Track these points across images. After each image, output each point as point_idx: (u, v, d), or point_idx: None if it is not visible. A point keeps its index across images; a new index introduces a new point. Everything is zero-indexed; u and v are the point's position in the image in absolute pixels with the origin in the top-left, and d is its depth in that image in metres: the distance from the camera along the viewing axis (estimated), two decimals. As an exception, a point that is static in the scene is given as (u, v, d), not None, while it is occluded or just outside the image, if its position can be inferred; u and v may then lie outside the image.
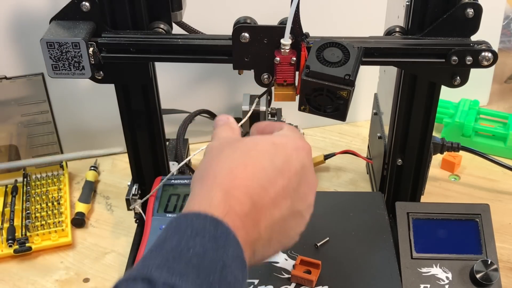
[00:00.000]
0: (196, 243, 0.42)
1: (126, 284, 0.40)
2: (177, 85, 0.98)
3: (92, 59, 0.64)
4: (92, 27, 0.65)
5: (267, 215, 0.47)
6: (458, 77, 0.67)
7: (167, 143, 0.94)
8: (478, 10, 0.64)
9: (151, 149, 0.80)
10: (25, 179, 0.92)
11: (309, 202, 0.52)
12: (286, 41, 0.61)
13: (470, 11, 0.64)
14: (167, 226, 0.45)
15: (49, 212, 0.87)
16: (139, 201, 0.80)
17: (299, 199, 0.50)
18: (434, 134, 0.79)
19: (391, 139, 0.77)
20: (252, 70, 0.66)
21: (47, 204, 0.88)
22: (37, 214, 0.86)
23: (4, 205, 0.89)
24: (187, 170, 0.95)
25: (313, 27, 0.67)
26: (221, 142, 0.53)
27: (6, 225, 0.85)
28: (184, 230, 0.43)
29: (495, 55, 0.64)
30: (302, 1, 0.59)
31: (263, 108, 0.89)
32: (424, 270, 0.72)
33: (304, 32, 0.63)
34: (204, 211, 0.44)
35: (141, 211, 0.79)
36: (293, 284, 0.69)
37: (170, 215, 0.76)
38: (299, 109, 0.63)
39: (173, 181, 0.80)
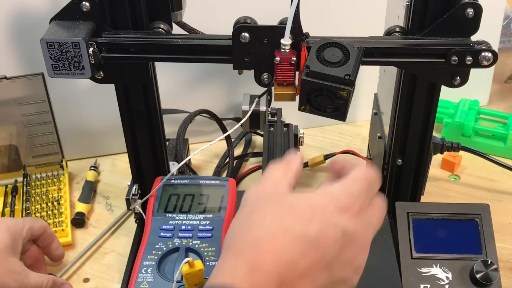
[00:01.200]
0: None
1: None
2: (177, 85, 0.98)
3: (92, 59, 0.64)
4: (92, 27, 0.65)
5: None
6: (458, 77, 0.67)
7: (167, 143, 0.94)
8: (478, 10, 0.64)
9: (151, 149, 0.80)
10: (25, 179, 0.92)
11: (356, 266, 0.47)
12: (286, 41, 0.61)
13: (470, 11, 0.63)
14: None
15: (49, 212, 0.87)
16: (139, 201, 0.80)
17: (340, 267, 0.46)
18: (434, 134, 0.79)
19: (391, 139, 0.77)
20: (252, 70, 0.66)
21: (47, 204, 0.88)
22: (37, 214, 0.86)
23: (4, 205, 0.89)
24: (187, 170, 0.95)
25: (313, 27, 0.67)
26: (259, 194, 0.49)
27: (6, 225, 0.85)
28: None
29: (495, 55, 0.64)
30: (302, 1, 0.59)
31: (263, 108, 0.89)
32: (424, 270, 0.72)
33: (304, 32, 0.63)
34: (228, 284, 0.42)
35: (141, 211, 0.79)
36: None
37: (170, 215, 0.76)
38: (299, 109, 0.63)
39: (173, 181, 0.80)
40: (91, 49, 0.64)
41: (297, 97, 0.64)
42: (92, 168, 0.97)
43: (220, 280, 0.43)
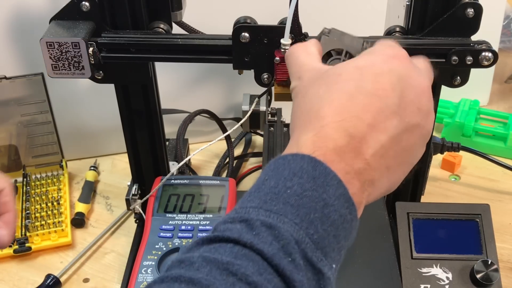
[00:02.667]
0: (294, 184, 0.41)
1: (225, 225, 0.41)
2: (177, 85, 0.98)
3: (92, 59, 0.64)
4: (92, 27, 0.65)
5: (371, 142, 0.43)
6: (458, 77, 0.67)
7: (167, 143, 0.94)
8: (478, 10, 0.63)
9: (151, 149, 0.80)
10: (24, 179, 0.92)
11: (424, 110, 0.46)
12: (286, 41, 0.61)
13: (470, 11, 0.63)
14: (265, 169, 0.44)
15: (49, 212, 0.86)
16: (139, 201, 0.80)
17: (408, 111, 0.45)
18: (434, 134, 0.79)
19: (391, 139, 0.77)
20: (252, 70, 0.66)
21: (46, 204, 0.88)
22: (37, 214, 0.86)
23: (4, 205, 0.89)
24: (187, 170, 0.95)
25: (313, 27, 0.66)
26: (306, 80, 0.49)
27: (6, 225, 0.85)
28: (281, 171, 0.42)
29: (495, 55, 0.64)
30: (302, 1, 0.59)
31: (263, 108, 0.89)
32: (424, 270, 0.71)
33: (303, 32, 0.63)
34: (301, 151, 0.43)
35: (141, 211, 0.79)
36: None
37: (170, 215, 0.76)
38: None
39: (173, 181, 0.80)
40: (91, 49, 0.64)
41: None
42: (92, 168, 0.97)
43: (295, 145, 0.44)
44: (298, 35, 0.62)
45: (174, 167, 0.85)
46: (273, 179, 0.42)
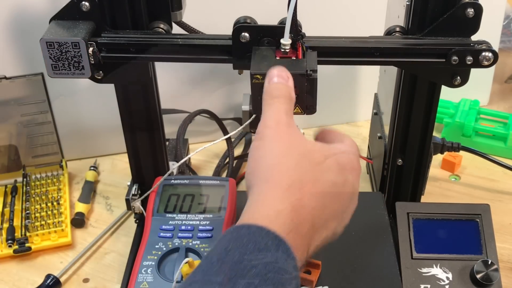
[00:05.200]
0: (259, 263, 0.42)
1: None
2: (177, 85, 0.98)
3: (92, 59, 0.64)
4: (91, 27, 0.65)
5: (318, 237, 0.47)
6: (458, 77, 0.67)
7: (167, 143, 0.94)
8: (479, 10, 0.63)
9: (151, 149, 0.80)
10: (24, 179, 0.92)
11: (347, 222, 0.52)
12: (286, 40, 0.61)
13: (471, 11, 0.63)
14: (226, 234, 0.44)
15: (49, 212, 0.86)
16: (139, 199, 0.80)
17: (342, 221, 0.51)
18: (434, 134, 0.79)
19: (391, 139, 0.77)
20: (252, 70, 0.66)
21: (46, 204, 0.88)
22: (37, 214, 0.86)
23: (4, 205, 0.89)
24: (187, 170, 0.95)
25: (313, 27, 0.67)
26: (285, 135, 0.51)
27: (5, 225, 0.85)
28: (245, 244, 0.42)
29: (495, 55, 0.64)
30: (302, 1, 0.59)
31: (263, 108, 0.89)
32: (424, 270, 0.71)
33: (301, 32, 0.63)
34: (268, 224, 0.43)
35: (142, 209, 0.79)
36: (293, 284, 0.69)
37: (169, 215, 0.76)
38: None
39: (173, 181, 0.80)
40: (90, 49, 0.64)
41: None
42: (92, 168, 0.97)
43: (262, 217, 0.44)
44: (295, 35, 0.62)
45: (174, 167, 0.85)
46: (236, 252, 0.42)
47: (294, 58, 0.61)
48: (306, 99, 0.58)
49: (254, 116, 0.65)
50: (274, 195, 0.46)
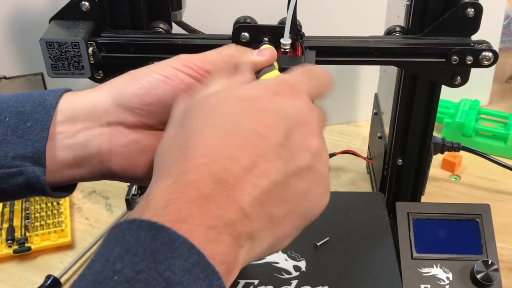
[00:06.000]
0: (125, 265, 0.32)
1: None
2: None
3: (92, 59, 0.64)
4: (91, 27, 0.65)
5: (248, 188, 0.36)
6: (458, 77, 0.67)
7: (167, 143, 0.94)
8: (479, 9, 0.63)
9: (151, 149, 0.80)
10: (24, 179, 0.91)
11: (314, 149, 0.41)
12: (286, 40, 0.61)
13: (471, 11, 0.63)
14: (102, 241, 0.35)
15: (49, 212, 0.86)
16: (139, 199, 0.80)
17: (295, 153, 0.39)
18: (434, 134, 0.79)
19: (392, 139, 0.77)
20: (252, 70, 0.66)
21: (46, 204, 0.88)
22: (37, 214, 0.86)
23: (4, 205, 0.89)
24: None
25: (313, 27, 0.67)
26: (191, 101, 0.42)
27: (5, 225, 0.85)
28: (112, 248, 0.33)
29: (495, 54, 0.64)
30: (303, 1, 0.59)
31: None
32: (424, 270, 0.71)
33: (300, 32, 0.63)
34: (142, 214, 0.35)
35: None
36: (293, 284, 0.69)
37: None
38: None
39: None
40: (90, 48, 0.64)
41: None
42: None
43: (140, 210, 0.36)
44: (295, 35, 0.62)
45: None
46: (100, 260, 0.32)
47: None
48: None
49: None
50: (155, 178, 0.37)
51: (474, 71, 0.66)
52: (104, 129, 0.46)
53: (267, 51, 0.49)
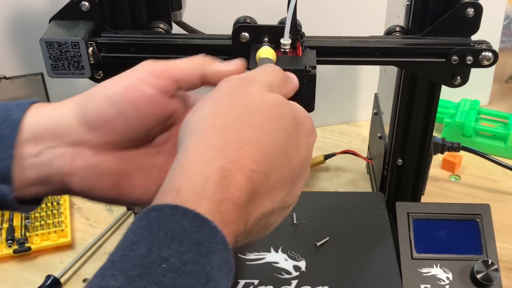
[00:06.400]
0: (172, 254, 0.33)
1: None
2: (177, 85, 0.98)
3: (92, 59, 0.64)
4: (91, 27, 0.65)
5: (259, 207, 0.39)
6: (458, 77, 0.67)
7: (167, 143, 0.94)
8: (479, 9, 0.63)
9: (151, 149, 0.80)
10: (24, 179, 0.91)
11: (298, 196, 0.44)
12: (286, 40, 0.61)
13: (471, 11, 0.63)
14: (134, 223, 0.35)
15: (49, 212, 0.86)
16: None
17: (292, 193, 0.42)
18: (434, 134, 0.79)
19: (392, 139, 0.77)
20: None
21: (46, 204, 0.88)
22: (37, 214, 0.86)
23: (4, 205, 0.89)
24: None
25: (313, 27, 0.67)
26: (239, 83, 0.43)
27: (5, 225, 0.85)
28: (155, 232, 0.34)
29: (495, 54, 0.64)
30: (303, 1, 0.59)
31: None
32: (424, 270, 0.71)
33: (300, 32, 0.63)
34: (187, 200, 0.35)
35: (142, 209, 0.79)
36: (293, 284, 0.69)
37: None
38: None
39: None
40: (90, 48, 0.64)
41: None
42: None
43: (186, 184, 0.36)
44: (295, 35, 0.62)
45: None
46: (144, 243, 0.33)
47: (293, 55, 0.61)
48: (304, 96, 0.58)
49: None
50: (201, 157, 0.37)
51: (474, 71, 0.66)
52: (67, 149, 0.45)
53: (235, 62, 0.49)
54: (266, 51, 0.57)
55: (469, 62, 0.64)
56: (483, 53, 0.63)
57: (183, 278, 0.32)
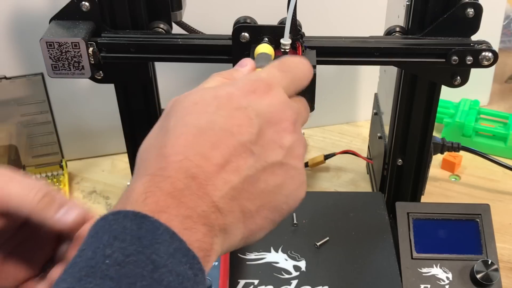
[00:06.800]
0: (115, 250, 0.34)
1: None
2: (177, 85, 0.98)
3: (92, 59, 0.64)
4: (91, 27, 0.65)
5: (219, 184, 0.38)
6: (458, 77, 0.67)
7: (167, 143, 0.94)
8: (479, 9, 0.63)
9: (151, 149, 0.80)
10: (25, 179, 0.91)
11: (287, 145, 0.41)
12: (286, 40, 0.61)
13: (471, 11, 0.63)
14: (87, 233, 0.37)
15: (49, 212, 0.86)
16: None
17: (267, 148, 0.40)
18: (434, 134, 0.79)
19: (391, 139, 0.77)
20: (252, 70, 0.66)
21: (47, 204, 0.88)
22: (37, 214, 0.86)
23: (4, 205, 0.89)
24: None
25: (313, 27, 0.67)
26: (176, 99, 0.43)
27: (5, 225, 0.85)
28: (100, 237, 0.35)
29: (495, 55, 0.64)
30: (303, 1, 0.59)
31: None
32: (424, 270, 0.71)
33: (301, 32, 0.63)
34: (124, 206, 0.37)
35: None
36: (293, 284, 0.69)
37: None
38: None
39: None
40: (90, 49, 0.64)
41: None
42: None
43: (122, 201, 0.38)
44: (295, 35, 0.62)
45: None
46: (90, 248, 0.35)
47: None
48: (304, 96, 0.58)
49: None
50: (140, 171, 0.40)
51: (474, 71, 0.66)
52: None
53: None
54: (263, 47, 0.57)
55: (469, 62, 0.64)
56: (483, 53, 0.64)
57: (127, 269, 0.33)
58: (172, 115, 0.41)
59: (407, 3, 0.66)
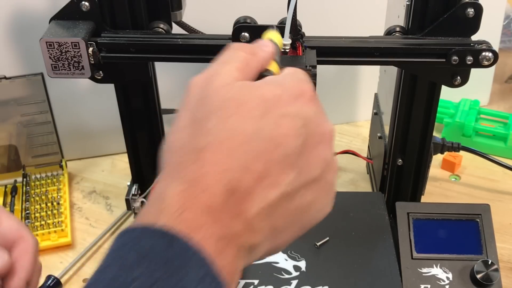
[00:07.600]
0: (142, 273, 0.31)
1: None
2: (177, 85, 0.98)
3: (92, 59, 0.64)
4: (91, 27, 0.65)
5: (256, 199, 0.35)
6: (458, 77, 0.67)
7: (167, 143, 0.94)
8: (479, 9, 0.63)
9: (151, 149, 0.80)
10: (24, 179, 0.91)
11: (327, 158, 0.39)
12: (286, 40, 0.61)
13: (471, 11, 0.63)
14: (110, 246, 0.34)
15: (49, 212, 0.86)
16: (139, 199, 0.80)
17: (309, 164, 0.37)
18: (434, 134, 0.79)
19: (391, 139, 0.77)
20: (252, 70, 0.66)
21: (46, 204, 0.88)
22: (37, 214, 0.86)
23: (4, 205, 0.89)
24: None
25: (313, 27, 0.67)
26: (208, 87, 0.39)
27: (5, 225, 0.85)
28: (126, 254, 0.32)
29: (495, 55, 0.64)
30: (303, 1, 0.59)
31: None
32: (424, 270, 0.71)
33: (301, 32, 0.63)
34: (154, 219, 0.34)
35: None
36: (293, 284, 0.69)
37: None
38: None
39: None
40: (90, 49, 0.64)
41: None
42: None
43: (151, 213, 0.35)
44: (295, 35, 0.62)
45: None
46: (114, 266, 0.32)
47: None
48: None
49: None
50: (165, 180, 0.36)
51: (474, 71, 0.66)
52: None
53: None
54: (271, 34, 0.55)
55: (469, 62, 0.64)
56: (483, 53, 0.63)
57: None
58: (210, 110, 0.37)
59: (407, 3, 0.66)
